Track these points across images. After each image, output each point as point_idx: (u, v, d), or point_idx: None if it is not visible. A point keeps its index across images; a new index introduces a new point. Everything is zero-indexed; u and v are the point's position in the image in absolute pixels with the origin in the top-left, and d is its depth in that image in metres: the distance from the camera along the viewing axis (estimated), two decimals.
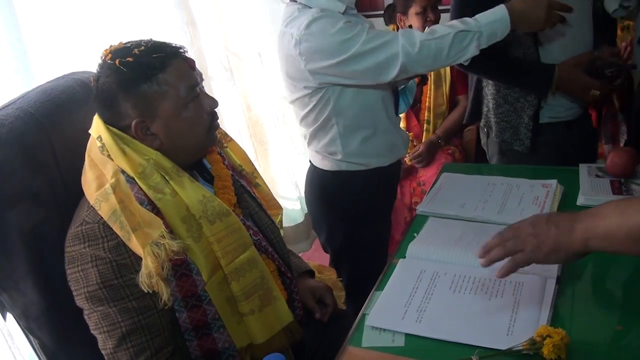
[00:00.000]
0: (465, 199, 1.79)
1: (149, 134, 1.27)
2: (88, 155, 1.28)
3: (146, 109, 1.25)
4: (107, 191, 1.19)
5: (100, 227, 1.19)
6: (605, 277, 1.40)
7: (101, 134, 1.25)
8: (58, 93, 1.38)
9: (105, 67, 1.25)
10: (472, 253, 1.48)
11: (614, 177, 1.77)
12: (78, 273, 1.20)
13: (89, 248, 1.18)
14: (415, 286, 1.40)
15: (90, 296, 1.19)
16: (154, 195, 1.23)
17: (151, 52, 1.25)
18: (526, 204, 1.72)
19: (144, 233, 1.17)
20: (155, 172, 1.25)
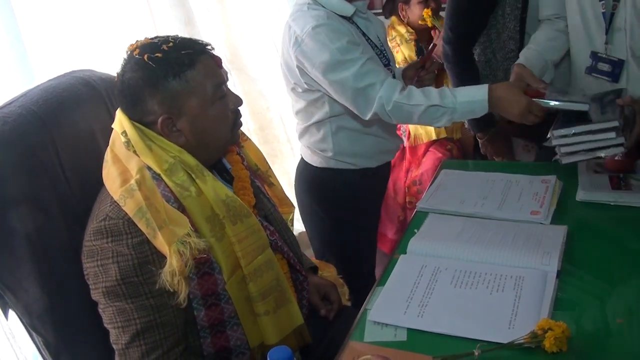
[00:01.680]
0: (465, 195, 1.80)
1: (175, 131, 1.26)
2: (111, 150, 1.27)
3: (173, 105, 1.25)
4: (133, 187, 1.18)
5: (125, 224, 1.17)
6: (605, 271, 1.41)
7: (126, 129, 1.25)
8: (60, 91, 1.37)
9: (132, 62, 1.24)
10: (473, 248, 1.50)
11: (613, 173, 1.78)
12: (97, 267, 1.19)
13: (112, 244, 1.17)
14: (417, 281, 1.41)
15: (108, 291, 1.19)
16: (180, 193, 1.23)
17: (180, 48, 1.25)
18: (525, 200, 1.73)
19: (170, 231, 1.17)
20: (181, 170, 1.24)
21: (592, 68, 1.88)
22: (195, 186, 1.25)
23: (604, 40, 1.84)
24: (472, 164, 2.17)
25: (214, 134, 1.31)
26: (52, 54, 1.83)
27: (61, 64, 1.76)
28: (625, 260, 1.45)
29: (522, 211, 1.67)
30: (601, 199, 1.67)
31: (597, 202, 1.68)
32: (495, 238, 1.54)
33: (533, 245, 1.48)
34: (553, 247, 1.46)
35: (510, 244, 1.50)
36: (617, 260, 1.46)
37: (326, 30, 1.71)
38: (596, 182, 1.75)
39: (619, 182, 1.72)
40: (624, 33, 1.80)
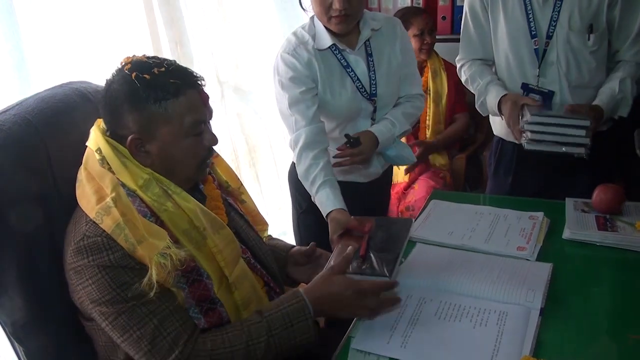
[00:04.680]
0: (453, 226, 1.82)
1: (142, 151, 1.28)
2: (85, 168, 1.28)
3: (146, 127, 1.27)
4: (109, 204, 1.19)
5: (103, 240, 1.18)
6: (588, 310, 1.42)
7: (101, 146, 1.27)
8: (56, 101, 1.39)
9: (120, 75, 1.27)
10: (459, 281, 1.50)
11: (600, 213, 1.80)
12: (90, 286, 1.19)
13: (94, 261, 1.18)
14: (401, 311, 1.41)
15: (112, 302, 1.19)
16: (157, 207, 1.25)
17: (169, 75, 1.27)
18: (512, 235, 1.74)
19: (149, 244, 1.18)
20: (156, 186, 1.27)
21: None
22: (172, 201, 1.27)
23: (536, 74, 2.06)
24: (462, 196, 2.18)
25: (180, 164, 1.33)
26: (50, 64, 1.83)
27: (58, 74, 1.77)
28: (609, 301, 1.47)
29: (509, 246, 1.69)
30: (587, 238, 1.69)
31: (583, 241, 1.69)
32: (481, 272, 1.55)
33: (518, 281, 1.49)
34: (538, 284, 1.47)
35: (495, 279, 1.51)
36: (601, 301, 1.47)
37: (284, 58, 1.94)
38: (583, 221, 1.76)
39: (605, 222, 1.74)
40: (557, 67, 2.01)
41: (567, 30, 1.99)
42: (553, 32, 2.00)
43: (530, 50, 2.05)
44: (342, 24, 1.90)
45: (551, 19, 2.00)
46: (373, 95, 2.02)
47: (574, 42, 2.00)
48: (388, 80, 2.04)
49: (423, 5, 3.39)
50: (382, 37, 2.05)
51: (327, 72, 1.97)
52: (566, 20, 1.98)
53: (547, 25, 2.01)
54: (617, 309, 1.45)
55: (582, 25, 1.97)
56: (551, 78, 2.05)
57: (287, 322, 1.29)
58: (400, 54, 2.07)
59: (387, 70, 2.04)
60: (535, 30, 2.02)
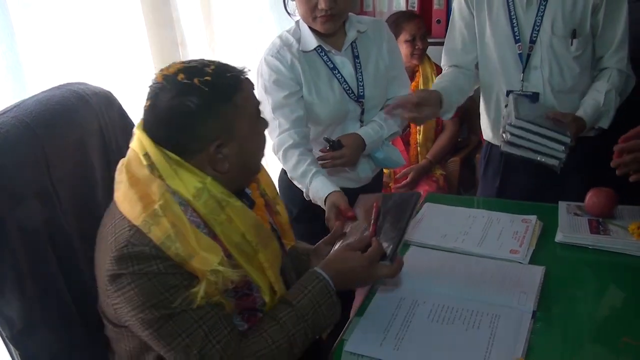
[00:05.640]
0: (446, 229, 1.82)
1: (220, 157, 1.23)
2: (127, 171, 1.22)
3: (225, 129, 1.22)
4: (158, 213, 1.13)
5: (151, 250, 1.12)
6: (580, 312, 1.43)
7: (149, 151, 1.20)
8: (53, 103, 1.37)
9: (178, 86, 1.19)
10: (452, 284, 1.51)
11: (592, 217, 1.81)
12: (132, 291, 1.12)
13: (141, 270, 1.12)
14: (395, 314, 1.42)
15: (158, 305, 1.12)
16: (211, 219, 1.19)
17: (223, 71, 1.23)
18: (505, 238, 1.75)
19: (201, 259, 1.13)
20: (209, 196, 1.20)
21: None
22: (225, 213, 1.21)
23: (520, 78, 2.07)
24: (456, 199, 2.19)
25: (256, 156, 1.32)
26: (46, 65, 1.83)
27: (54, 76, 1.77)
28: (601, 304, 1.48)
29: (502, 249, 1.69)
30: (580, 241, 1.70)
31: (576, 245, 1.70)
32: (474, 275, 1.56)
33: (510, 284, 1.50)
34: (530, 287, 1.48)
35: (488, 282, 1.52)
36: (593, 304, 1.48)
37: (268, 61, 1.96)
38: (576, 224, 1.77)
39: (598, 226, 1.75)
40: (540, 71, 2.03)
41: (550, 35, 2.00)
42: (536, 37, 2.02)
43: (514, 55, 2.07)
44: (327, 24, 1.91)
45: (534, 23, 2.01)
46: (360, 97, 2.03)
47: (557, 47, 2.01)
48: (375, 81, 2.06)
49: (418, 9, 3.40)
50: (369, 39, 2.07)
51: (313, 74, 1.98)
52: (549, 25, 1.99)
53: (531, 30, 2.02)
54: (609, 312, 1.46)
55: (565, 30, 1.99)
56: (535, 82, 2.07)
57: (315, 305, 1.26)
58: (387, 55, 2.10)
59: (375, 71, 2.06)
60: (518, 35, 2.04)
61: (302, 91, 1.97)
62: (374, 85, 2.05)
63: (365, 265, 1.32)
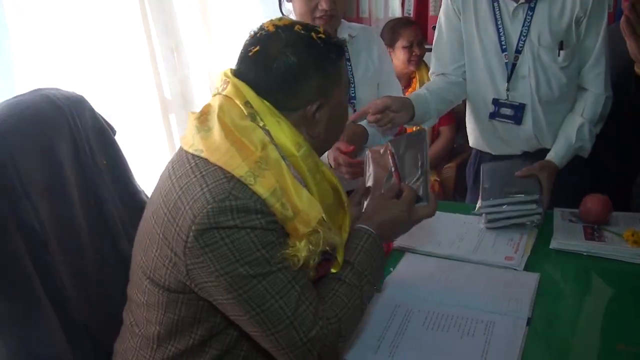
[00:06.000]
0: (441, 236, 1.82)
1: (315, 120, 1.21)
2: (221, 118, 1.14)
3: (326, 90, 1.20)
4: (261, 165, 1.08)
5: (256, 205, 1.06)
6: (575, 319, 1.43)
7: (251, 100, 1.16)
8: (23, 108, 1.36)
9: (296, 37, 1.16)
10: (447, 291, 1.51)
11: (587, 223, 1.81)
12: (226, 246, 1.06)
13: (242, 224, 1.06)
14: (390, 321, 1.41)
15: (254, 262, 1.06)
16: (310, 177, 1.17)
17: (331, 36, 1.21)
18: (500, 245, 1.75)
19: (304, 218, 1.10)
20: (310, 154, 1.18)
21: (495, 113, 2.11)
22: (319, 172, 1.20)
23: (505, 87, 2.07)
24: (451, 206, 2.19)
25: (341, 128, 1.32)
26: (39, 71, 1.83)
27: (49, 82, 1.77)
28: (596, 311, 1.48)
29: (497, 256, 1.69)
30: (574, 248, 1.70)
31: (570, 251, 1.70)
32: (469, 282, 1.56)
33: (505, 291, 1.50)
34: (525, 294, 1.48)
35: (483, 289, 1.52)
36: (588, 311, 1.49)
37: None
38: (570, 231, 1.77)
39: (592, 232, 1.75)
40: (527, 81, 2.03)
41: (536, 46, 2.00)
42: (523, 46, 2.02)
43: (501, 64, 2.07)
44: (327, 25, 1.92)
45: (521, 33, 2.01)
46: (352, 98, 2.06)
47: (544, 57, 2.01)
48: (366, 84, 2.09)
49: (414, 16, 3.41)
50: (359, 43, 2.10)
51: None
52: (536, 36, 1.99)
53: (517, 39, 2.02)
54: (604, 319, 1.45)
55: (552, 41, 1.99)
56: (521, 92, 2.07)
57: (370, 259, 1.25)
58: (377, 60, 2.13)
59: (365, 74, 2.09)
60: (505, 44, 2.04)
61: None
62: (364, 87, 2.08)
63: (405, 209, 1.33)
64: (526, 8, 1.99)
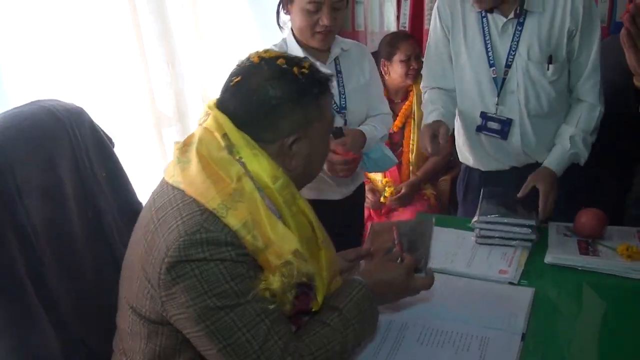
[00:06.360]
0: (435, 250, 1.81)
1: (291, 153, 1.21)
2: (199, 151, 1.16)
3: (303, 126, 1.20)
4: (235, 198, 1.09)
5: (227, 238, 1.07)
6: (570, 334, 1.43)
7: (228, 132, 1.17)
8: (22, 120, 1.36)
9: (276, 70, 1.18)
10: (441, 305, 1.50)
11: (582, 238, 1.81)
12: (195, 278, 1.07)
13: (212, 256, 1.07)
14: (384, 336, 1.41)
15: (222, 295, 1.07)
16: (286, 209, 1.17)
17: (316, 70, 1.23)
18: (494, 259, 1.75)
19: (276, 250, 1.10)
20: (286, 186, 1.18)
21: (482, 127, 2.12)
22: (296, 205, 1.20)
23: (495, 102, 2.08)
24: (445, 219, 2.19)
25: (318, 162, 1.32)
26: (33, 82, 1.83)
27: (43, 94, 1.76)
28: (590, 326, 1.48)
29: (491, 270, 1.69)
30: (569, 263, 1.69)
31: (565, 266, 1.70)
32: (464, 296, 1.56)
33: (500, 306, 1.49)
34: (520, 309, 1.47)
35: (477, 303, 1.51)
36: (582, 326, 1.48)
37: None
38: (565, 245, 1.77)
39: (587, 247, 1.75)
40: (516, 96, 2.05)
41: (525, 61, 2.01)
42: (512, 61, 2.03)
43: (489, 79, 2.08)
44: (324, 40, 1.99)
45: (510, 48, 2.03)
46: (343, 108, 2.09)
47: (533, 72, 2.02)
48: (357, 95, 2.13)
49: (409, 29, 3.42)
50: (351, 57, 2.15)
51: None
52: (525, 51, 2.00)
53: (506, 54, 2.03)
54: (599, 334, 1.45)
55: (541, 56, 2.00)
56: (510, 107, 2.07)
57: (360, 309, 1.24)
58: (369, 74, 2.18)
59: (356, 86, 2.14)
60: (493, 59, 2.05)
61: None
62: (355, 98, 2.12)
63: (403, 274, 1.33)
64: (515, 23, 2.00)
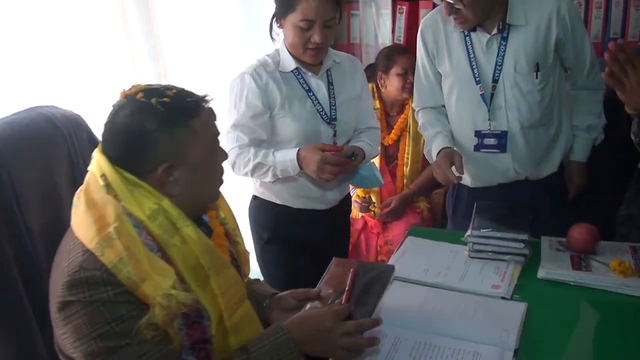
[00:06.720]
0: (428, 264, 1.82)
1: (171, 180, 1.23)
2: (85, 194, 1.20)
3: (176, 153, 1.21)
4: (112, 236, 1.11)
5: (103, 275, 1.09)
6: (562, 350, 1.43)
7: (106, 172, 1.20)
8: (22, 127, 1.37)
9: (134, 105, 1.20)
10: (434, 320, 1.50)
11: (574, 252, 1.81)
12: (79, 319, 1.10)
13: (91, 297, 1.09)
14: (377, 351, 1.40)
15: (103, 336, 1.09)
16: (164, 241, 1.18)
17: (184, 96, 1.24)
18: (487, 273, 1.75)
19: (153, 283, 1.11)
20: (164, 217, 1.19)
21: (480, 145, 2.14)
22: (180, 235, 1.20)
23: (486, 118, 2.11)
24: (438, 233, 2.19)
25: (209, 184, 1.31)
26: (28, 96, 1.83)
27: None
28: (583, 342, 1.47)
29: (484, 284, 1.69)
30: (561, 278, 1.69)
31: (558, 281, 1.70)
32: (457, 311, 1.55)
33: (492, 321, 1.49)
34: (512, 324, 1.47)
35: (470, 318, 1.51)
36: (575, 341, 1.48)
37: (238, 78, 2.04)
38: (558, 260, 1.78)
39: (580, 262, 1.75)
40: (505, 110, 2.09)
41: (513, 73, 2.04)
42: (499, 76, 2.06)
43: (477, 96, 2.10)
44: (316, 56, 2.02)
45: (496, 64, 2.05)
46: (333, 119, 2.11)
47: (522, 83, 2.04)
48: (347, 107, 2.15)
49: (404, 42, 3.43)
50: (343, 69, 2.18)
51: (289, 92, 2.06)
52: (512, 64, 2.03)
53: (493, 70, 2.06)
54: (591, 350, 1.45)
55: (528, 66, 2.03)
56: (501, 121, 2.10)
57: (273, 357, 1.23)
58: (360, 87, 2.21)
59: (347, 98, 2.16)
60: (479, 76, 2.07)
61: (270, 114, 2.04)
62: (345, 110, 2.14)
63: (329, 319, 1.27)
64: (499, 38, 2.03)
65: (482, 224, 1.89)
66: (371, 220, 3.07)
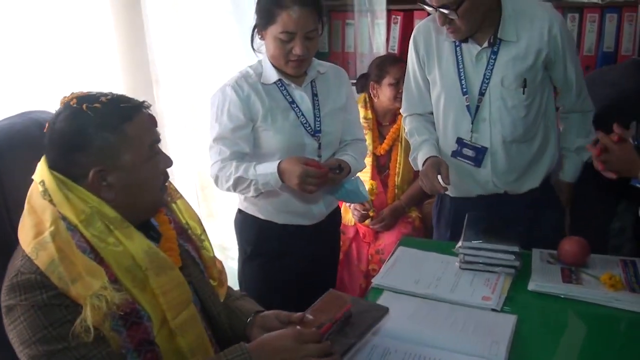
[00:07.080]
0: (419, 275, 1.82)
1: (105, 185, 1.24)
2: (28, 202, 1.23)
3: (108, 158, 1.23)
4: (46, 239, 1.14)
5: (37, 278, 1.12)
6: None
7: (44, 178, 1.22)
8: (14, 132, 1.37)
9: (68, 111, 1.23)
10: (424, 331, 1.50)
11: (565, 265, 1.81)
12: (21, 324, 1.13)
13: (27, 300, 1.12)
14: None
15: (41, 340, 1.11)
16: (97, 244, 1.19)
17: (118, 101, 1.26)
18: (478, 285, 1.75)
19: (84, 283, 1.12)
20: (99, 221, 1.21)
21: (458, 152, 2.15)
22: (114, 237, 1.21)
23: (469, 129, 2.11)
24: (429, 244, 2.19)
25: (144, 191, 1.30)
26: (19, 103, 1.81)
27: None
28: (572, 354, 1.47)
29: (474, 296, 1.69)
30: (552, 290, 1.69)
31: (548, 293, 1.70)
32: (447, 322, 1.55)
33: (483, 333, 1.49)
34: (502, 336, 1.47)
35: (460, 330, 1.51)
36: (564, 354, 1.48)
37: (220, 92, 2.03)
38: (548, 273, 1.78)
39: (570, 275, 1.75)
40: (488, 123, 2.05)
41: (500, 87, 2.04)
42: (486, 89, 2.06)
43: (462, 107, 2.10)
44: (298, 68, 2.00)
45: (484, 76, 2.05)
46: (317, 131, 2.08)
47: (508, 98, 2.05)
48: (332, 118, 2.12)
49: (398, 52, 3.44)
50: (328, 80, 2.15)
51: (272, 104, 2.03)
52: (499, 79, 2.03)
53: (480, 82, 2.06)
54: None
55: (515, 82, 2.03)
56: (483, 134, 2.10)
57: None
58: (345, 98, 2.19)
59: (332, 109, 2.13)
60: (466, 87, 2.08)
61: (252, 127, 2.03)
62: (330, 122, 2.12)
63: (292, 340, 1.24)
64: (489, 52, 2.04)
65: (472, 235, 1.89)
66: (363, 229, 3.07)
